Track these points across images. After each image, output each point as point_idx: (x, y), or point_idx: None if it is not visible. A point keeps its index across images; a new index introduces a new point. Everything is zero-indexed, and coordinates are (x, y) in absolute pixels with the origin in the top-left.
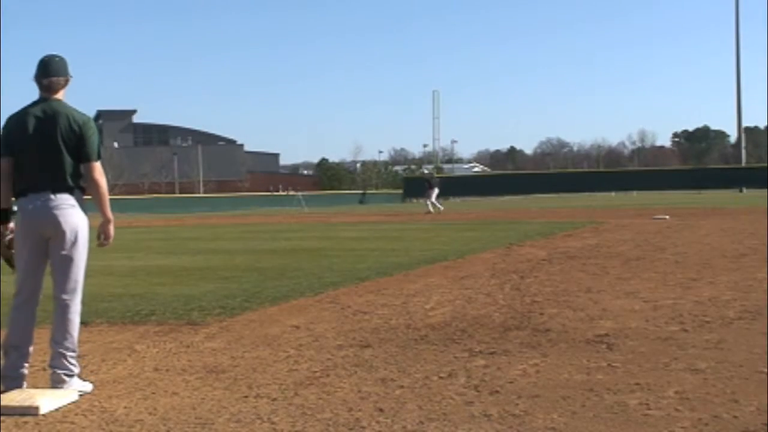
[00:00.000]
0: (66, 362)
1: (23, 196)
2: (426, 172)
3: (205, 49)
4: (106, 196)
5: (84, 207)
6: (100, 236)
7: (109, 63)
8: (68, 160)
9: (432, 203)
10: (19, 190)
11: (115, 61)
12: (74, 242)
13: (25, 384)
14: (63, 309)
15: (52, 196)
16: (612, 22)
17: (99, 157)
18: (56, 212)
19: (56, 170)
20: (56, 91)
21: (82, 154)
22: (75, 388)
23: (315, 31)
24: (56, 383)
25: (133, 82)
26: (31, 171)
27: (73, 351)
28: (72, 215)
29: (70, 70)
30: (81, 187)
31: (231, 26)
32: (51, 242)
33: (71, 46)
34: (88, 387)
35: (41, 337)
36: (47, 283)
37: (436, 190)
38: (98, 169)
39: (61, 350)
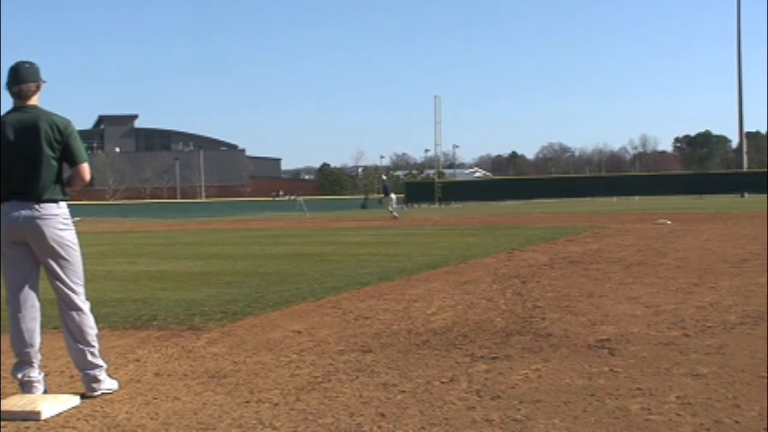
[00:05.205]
0: (89, 360)
1: (6, 201)
2: (384, 178)
3: (207, 54)
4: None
5: (68, 212)
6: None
7: (111, 68)
8: (52, 165)
9: (391, 209)
10: (2, 195)
11: (117, 66)
12: (60, 249)
13: (41, 388)
14: (66, 310)
15: (36, 206)
16: (613, 27)
17: (86, 159)
18: (39, 222)
19: (39, 179)
20: (28, 98)
21: (70, 159)
22: (107, 387)
23: (316, 37)
24: (90, 383)
25: (135, 86)
26: (14, 179)
27: (91, 346)
28: (56, 224)
29: (42, 75)
30: (63, 191)
31: (233, 32)
32: (37, 251)
33: (73, 51)
34: (114, 385)
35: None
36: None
37: (393, 197)
38: (87, 169)
39: (80, 347)
